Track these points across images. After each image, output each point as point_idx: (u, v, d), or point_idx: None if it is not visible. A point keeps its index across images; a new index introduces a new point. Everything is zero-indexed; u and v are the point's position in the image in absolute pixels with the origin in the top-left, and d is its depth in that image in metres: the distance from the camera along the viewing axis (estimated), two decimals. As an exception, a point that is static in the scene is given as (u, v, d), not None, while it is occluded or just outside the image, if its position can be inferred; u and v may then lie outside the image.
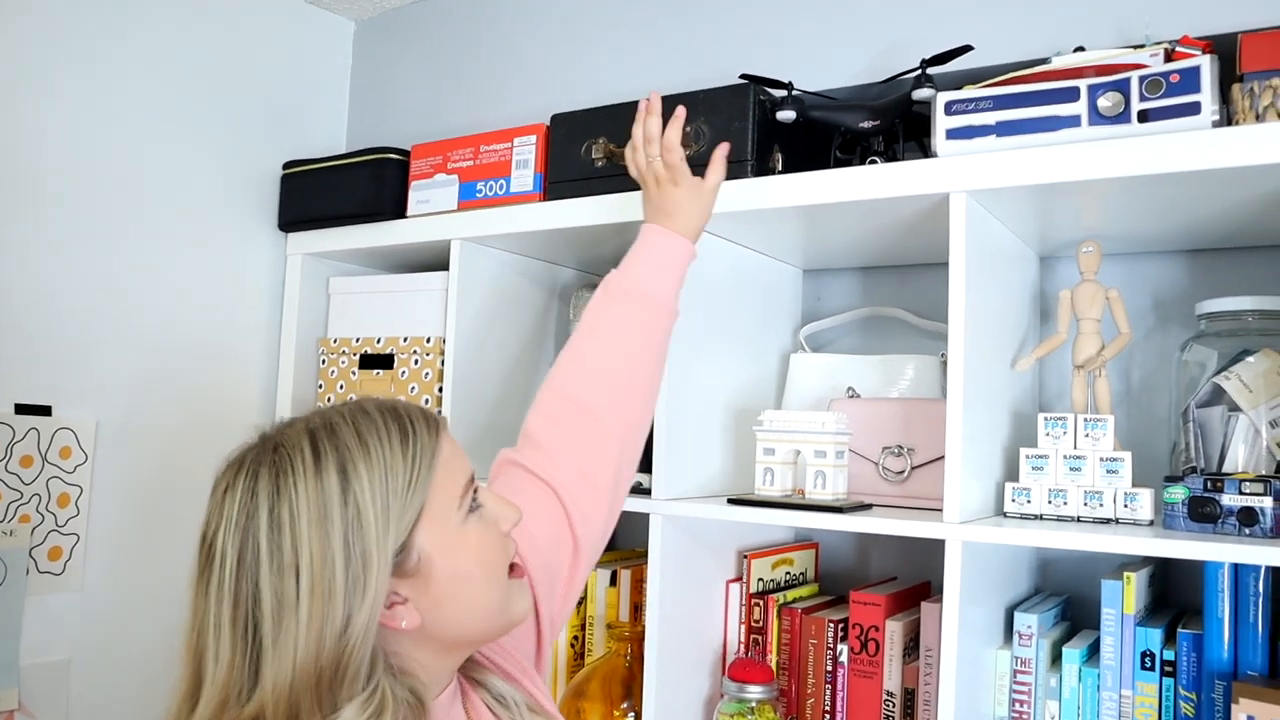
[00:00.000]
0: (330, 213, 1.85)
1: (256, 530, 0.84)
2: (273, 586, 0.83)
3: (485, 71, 2.14)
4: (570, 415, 1.20)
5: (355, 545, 0.84)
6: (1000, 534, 1.22)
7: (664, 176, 1.31)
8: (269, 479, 0.86)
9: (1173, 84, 1.14)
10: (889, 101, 1.37)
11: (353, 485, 0.85)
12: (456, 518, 0.92)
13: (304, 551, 0.83)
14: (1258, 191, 1.18)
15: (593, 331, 1.25)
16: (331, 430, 0.88)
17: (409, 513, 0.87)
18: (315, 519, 0.84)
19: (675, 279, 1.29)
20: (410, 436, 0.90)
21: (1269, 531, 1.14)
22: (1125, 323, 1.38)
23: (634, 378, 1.24)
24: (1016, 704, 1.34)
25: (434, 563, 0.89)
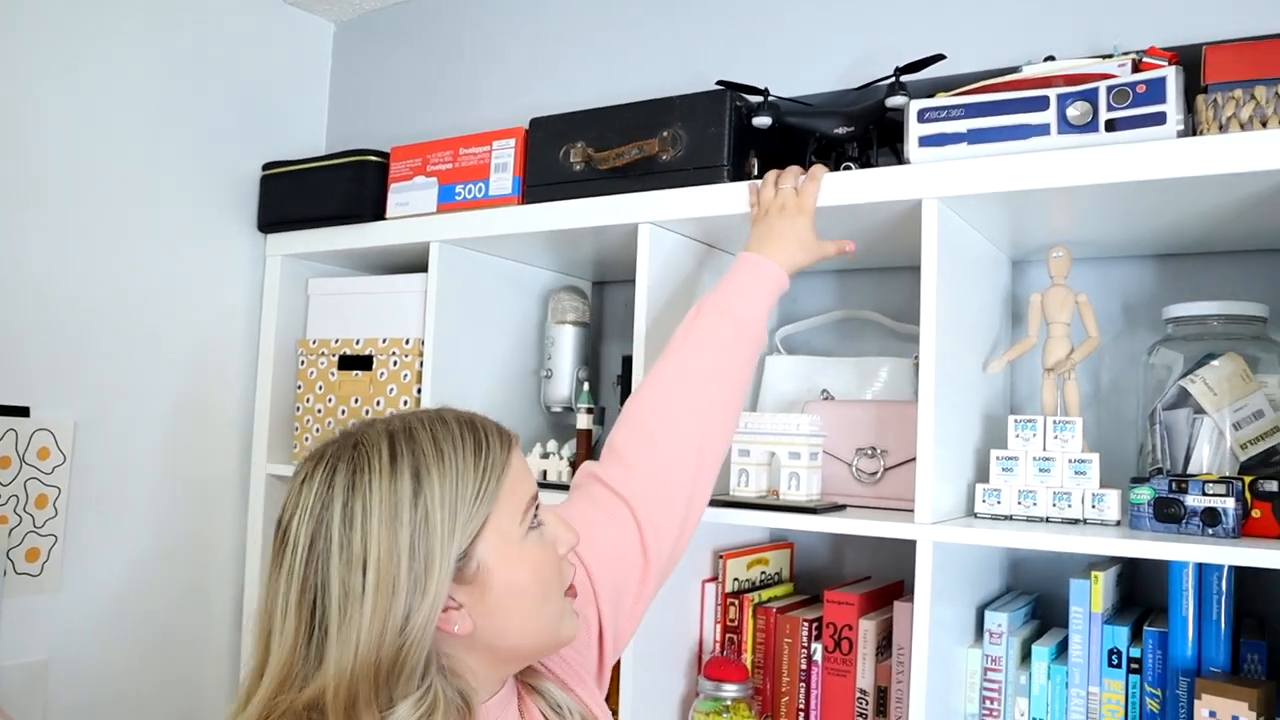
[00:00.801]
0: (310, 214, 1.86)
1: (330, 521, 0.87)
2: (340, 577, 0.86)
3: (465, 74, 2.15)
4: (652, 430, 1.22)
5: (420, 546, 0.87)
6: (970, 534, 1.24)
7: (790, 206, 1.32)
8: (346, 474, 0.89)
9: (1139, 94, 1.17)
10: (863, 108, 1.40)
11: (424, 489, 0.88)
12: (518, 532, 0.94)
13: (372, 547, 0.86)
14: (1222, 200, 1.21)
15: (685, 351, 1.26)
16: (410, 435, 0.91)
17: (474, 522, 0.90)
18: (386, 517, 0.87)
19: (769, 308, 1.31)
20: (483, 450, 0.93)
21: (1231, 531, 1.17)
22: (1094, 327, 1.40)
23: (719, 399, 1.25)
24: (987, 701, 1.36)
25: (492, 573, 0.92)
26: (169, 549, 1.94)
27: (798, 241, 1.31)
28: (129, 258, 1.87)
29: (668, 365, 1.26)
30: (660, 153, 1.46)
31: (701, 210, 1.42)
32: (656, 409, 1.23)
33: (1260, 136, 1.09)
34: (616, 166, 1.48)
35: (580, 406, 1.66)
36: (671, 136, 1.45)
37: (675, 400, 1.23)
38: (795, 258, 1.32)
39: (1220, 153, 1.11)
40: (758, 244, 1.32)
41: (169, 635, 1.95)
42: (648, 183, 1.47)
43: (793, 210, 1.32)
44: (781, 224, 1.32)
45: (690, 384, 1.24)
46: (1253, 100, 1.13)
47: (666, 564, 1.21)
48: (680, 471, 1.21)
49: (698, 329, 1.27)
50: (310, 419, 1.90)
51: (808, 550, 1.74)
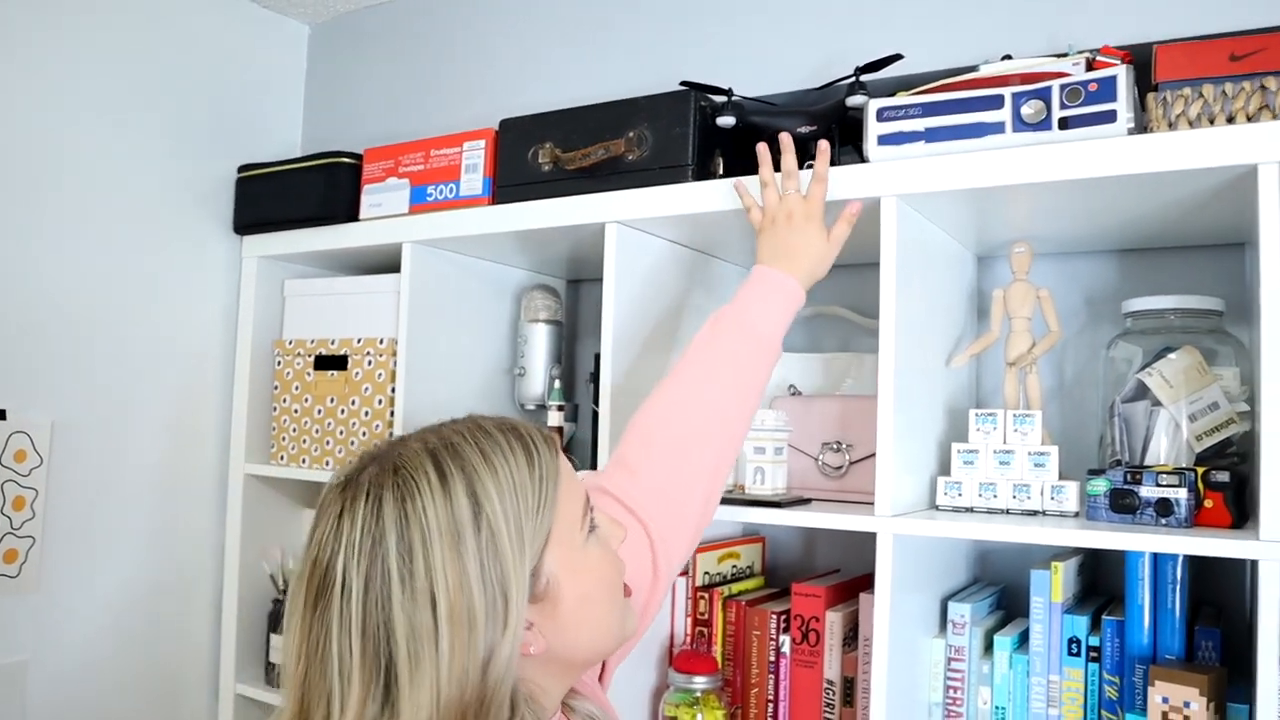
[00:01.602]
0: (284, 216, 1.87)
1: (385, 556, 0.79)
2: (407, 616, 0.78)
3: (439, 75, 2.16)
4: (666, 443, 1.18)
5: (491, 570, 0.81)
6: (929, 526, 1.26)
7: (798, 214, 1.29)
8: (394, 502, 0.81)
9: (1091, 93, 1.19)
10: (826, 107, 1.41)
11: (484, 508, 0.82)
12: (580, 538, 0.90)
13: (439, 578, 0.79)
14: (1173, 196, 1.23)
15: (700, 363, 1.22)
16: (455, 450, 0.85)
17: (539, 535, 0.85)
18: (449, 544, 0.80)
19: (786, 322, 1.27)
20: (535, 456, 0.88)
21: (1183, 521, 1.19)
22: (1055, 321, 1.43)
23: (734, 413, 1.21)
24: (950, 690, 1.38)
25: (561, 586, 0.87)
26: (147, 550, 1.96)
27: (814, 255, 1.28)
28: (105, 260, 1.88)
29: (686, 380, 1.22)
30: (626, 153, 1.47)
31: (667, 209, 1.43)
32: (673, 425, 1.19)
33: (1207, 134, 1.11)
34: (583, 167, 1.50)
35: (552, 404, 1.68)
36: (637, 137, 1.47)
37: (693, 419, 1.19)
38: (814, 272, 1.29)
39: (1168, 150, 1.13)
40: (772, 257, 1.28)
41: (148, 635, 1.96)
42: (614, 183, 1.48)
43: (801, 218, 1.29)
44: (793, 236, 1.28)
45: (709, 403, 1.20)
46: (1201, 98, 1.15)
47: (672, 578, 1.18)
48: (694, 492, 1.18)
49: (718, 346, 1.23)
50: (287, 419, 1.92)
51: (780, 544, 1.76)
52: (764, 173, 1.34)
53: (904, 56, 1.37)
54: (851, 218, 1.30)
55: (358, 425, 1.80)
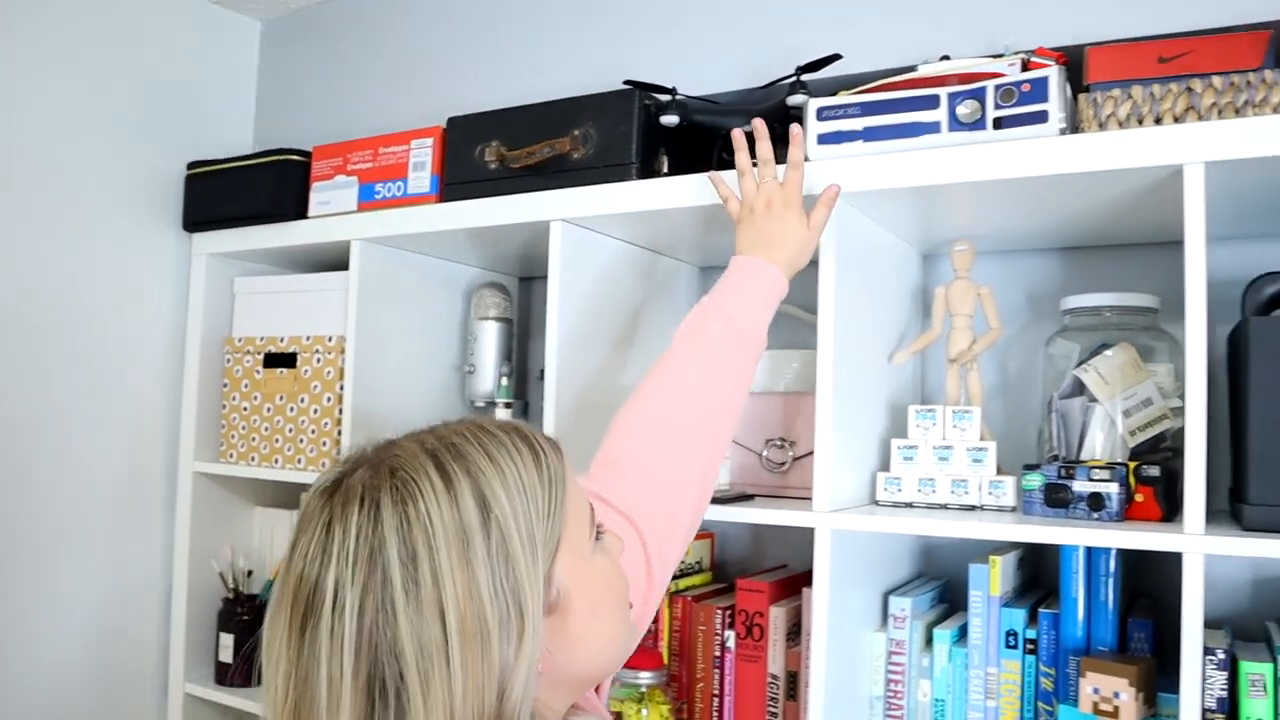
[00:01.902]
0: (233, 213, 1.87)
1: (386, 565, 0.72)
2: (414, 632, 0.70)
3: (392, 72, 2.16)
4: (653, 441, 1.13)
5: (503, 580, 0.74)
6: (866, 521, 1.28)
7: (777, 201, 1.25)
8: (394, 507, 0.73)
9: (1024, 93, 1.20)
10: (768, 107, 1.42)
11: (493, 511, 0.75)
12: (588, 547, 0.84)
13: (447, 587, 0.71)
14: (1106, 195, 1.25)
15: (686, 359, 1.18)
16: (457, 451, 0.78)
17: (550, 542, 0.79)
18: (456, 551, 0.72)
19: (770, 312, 1.23)
20: (542, 457, 0.82)
21: (1114, 515, 1.21)
22: (995, 318, 1.45)
23: (720, 407, 1.17)
24: (891, 684, 1.40)
25: (572, 598, 0.81)
26: (95, 549, 1.94)
27: (795, 242, 1.24)
28: (52, 257, 1.87)
29: (668, 375, 1.18)
30: (571, 151, 1.48)
31: (611, 207, 1.44)
32: (659, 422, 1.14)
33: (1134, 135, 1.13)
34: (528, 165, 1.50)
35: (500, 401, 1.69)
36: (582, 135, 1.47)
37: (680, 415, 1.15)
38: (795, 261, 1.25)
39: (1097, 150, 1.15)
40: (751, 246, 1.25)
41: (96, 634, 1.95)
42: (560, 181, 1.49)
43: (780, 205, 1.25)
44: (771, 224, 1.25)
45: (696, 399, 1.15)
46: (1130, 100, 1.17)
47: (666, 581, 1.13)
48: (685, 491, 1.13)
49: (701, 340, 1.19)
50: (237, 416, 1.91)
51: (729, 540, 1.77)
52: (740, 160, 1.30)
53: (842, 56, 1.39)
54: (830, 201, 1.27)
55: (307, 423, 1.80)
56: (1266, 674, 1.18)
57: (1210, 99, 1.14)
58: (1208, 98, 1.14)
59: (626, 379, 1.64)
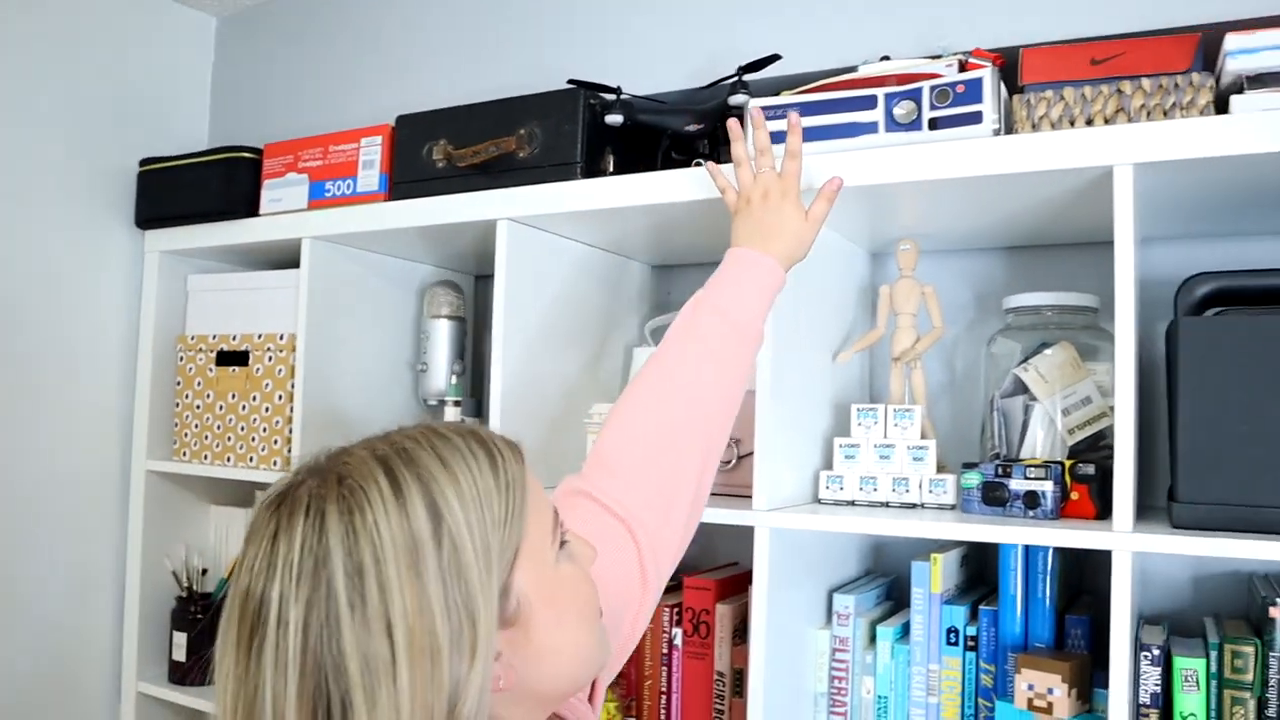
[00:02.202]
0: (185, 210, 1.86)
1: (331, 579, 0.68)
2: (359, 647, 0.67)
3: (347, 68, 2.15)
4: (647, 438, 1.09)
5: (455, 590, 0.70)
6: (805, 520, 1.28)
7: (774, 191, 1.21)
8: (340, 516, 0.70)
9: (959, 94, 1.21)
10: (711, 106, 1.43)
11: (445, 519, 0.72)
12: (552, 555, 0.80)
13: (395, 600, 0.68)
14: (1043, 195, 1.26)
15: (681, 354, 1.14)
16: (408, 457, 0.74)
17: (508, 550, 0.75)
18: (405, 561, 0.69)
19: (767, 305, 1.19)
20: (500, 462, 0.77)
21: (1049, 513, 1.22)
22: (939, 317, 1.46)
23: (716, 403, 1.13)
24: (835, 680, 1.41)
25: (534, 608, 0.77)
26: (47, 548, 1.93)
27: (792, 234, 1.20)
28: (2, 254, 1.86)
29: (662, 371, 1.13)
30: (517, 150, 1.48)
31: (557, 206, 1.44)
32: (656, 421, 1.10)
33: (1065, 136, 1.14)
34: (474, 164, 1.50)
35: (448, 399, 1.69)
36: (528, 134, 1.48)
37: (674, 411, 1.10)
38: (793, 253, 1.20)
39: (1029, 151, 1.16)
40: (748, 238, 1.20)
41: (49, 633, 1.94)
42: (506, 180, 1.49)
43: (777, 196, 1.21)
44: (769, 215, 1.20)
45: (691, 394, 1.11)
46: (1062, 100, 1.18)
47: (663, 582, 1.09)
48: (681, 489, 1.09)
49: (695, 333, 1.14)
50: (189, 415, 1.91)
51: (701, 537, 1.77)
52: (737, 150, 1.25)
53: (781, 57, 1.40)
54: (832, 194, 1.22)
55: (259, 421, 1.79)
56: (1199, 669, 1.19)
57: (1140, 101, 1.15)
58: (1137, 99, 1.15)
59: (577, 378, 1.65)
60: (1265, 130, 1.05)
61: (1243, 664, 1.20)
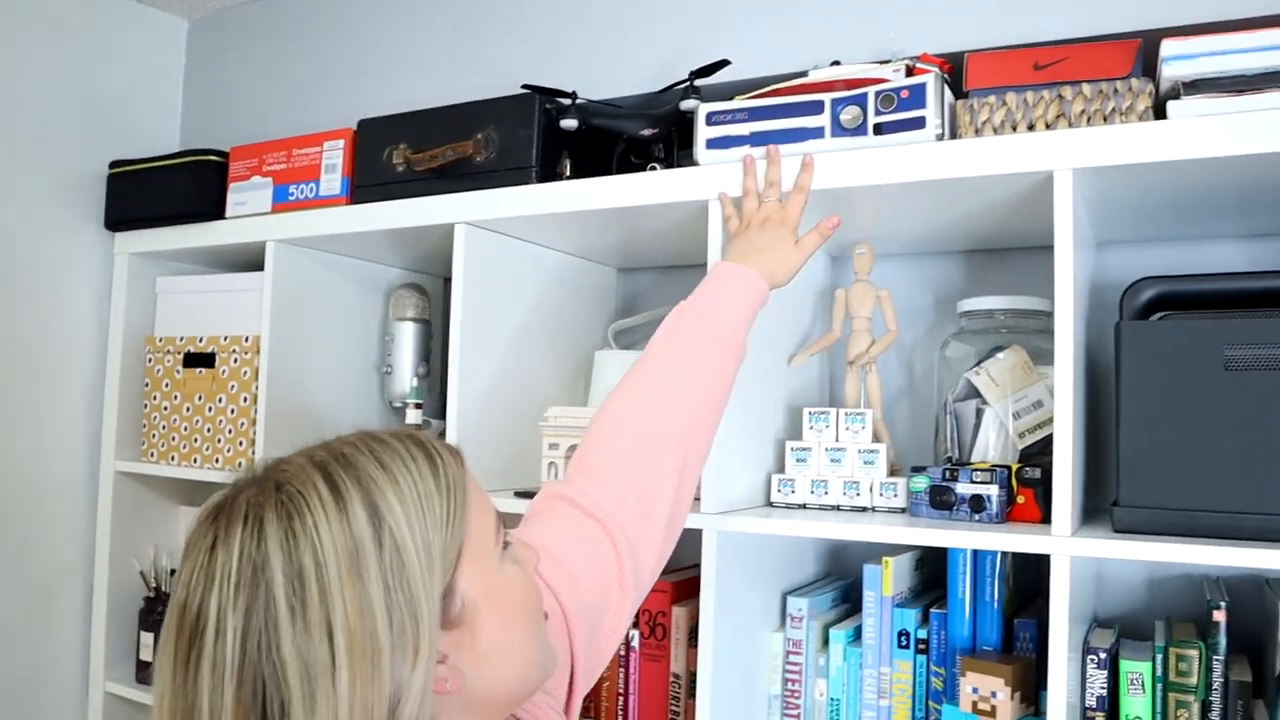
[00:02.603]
0: (153, 213, 1.88)
1: (270, 586, 0.68)
2: (299, 653, 0.67)
3: (316, 72, 2.16)
4: (628, 443, 1.11)
5: (398, 592, 0.70)
6: (752, 523, 1.28)
7: (774, 219, 1.24)
8: (279, 524, 0.70)
9: (903, 99, 1.22)
10: (665, 111, 1.44)
11: (386, 521, 0.72)
12: (495, 556, 0.80)
13: (336, 605, 0.68)
14: (986, 200, 1.26)
15: (662, 362, 1.15)
16: (347, 461, 0.74)
17: (451, 551, 0.75)
18: (346, 565, 0.69)
19: (750, 318, 1.21)
20: (440, 464, 0.78)
21: (995, 517, 1.23)
22: (893, 321, 1.46)
23: (698, 411, 1.14)
24: (789, 683, 1.41)
25: (480, 610, 0.77)
26: (15, 547, 1.94)
27: (779, 255, 1.23)
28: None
29: (644, 379, 1.15)
30: (474, 154, 1.49)
31: (512, 210, 1.45)
32: (634, 425, 1.12)
33: (1006, 141, 1.15)
34: (432, 168, 1.51)
35: (409, 401, 1.70)
36: (485, 139, 1.48)
37: (655, 417, 1.12)
38: (777, 273, 1.23)
39: (970, 156, 1.16)
40: (735, 255, 1.23)
41: (17, 633, 1.95)
42: (464, 184, 1.50)
43: (775, 223, 1.24)
44: (763, 237, 1.23)
45: (672, 401, 1.13)
46: (1004, 106, 1.19)
47: (645, 587, 1.10)
48: (661, 493, 1.10)
49: (678, 342, 1.16)
50: (157, 416, 1.92)
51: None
52: (747, 182, 1.29)
53: (731, 62, 1.40)
54: (826, 231, 1.26)
55: (224, 423, 1.80)
56: (1145, 672, 1.20)
57: (1080, 106, 1.15)
58: (1078, 105, 1.15)
59: (541, 381, 1.65)
60: (1201, 136, 1.06)
61: (1187, 667, 1.21)
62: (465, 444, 1.48)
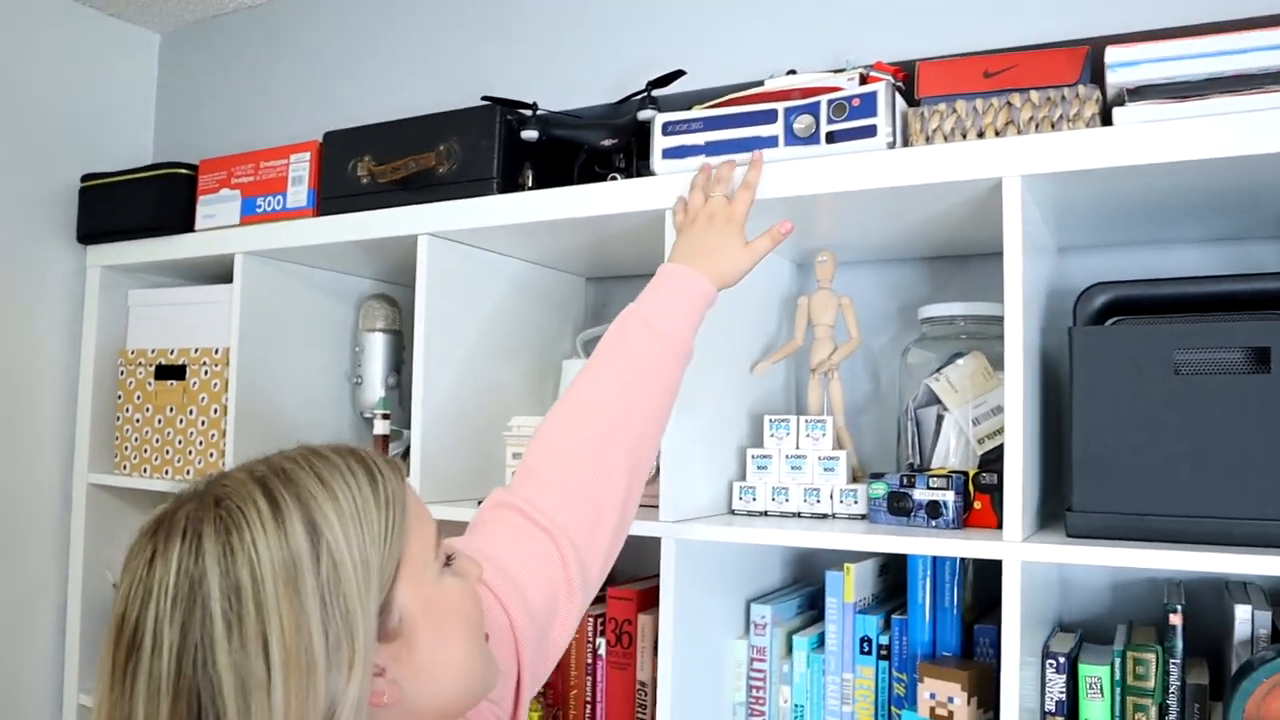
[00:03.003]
0: (123, 226, 1.88)
1: (207, 600, 0.69)
2: (234, 667, 0.68)
3: (287, 84, 2.17)
4: (571, 447, 1.10)
5: (334, 608, 0.71)
6: (710, 531, 1.29)
7: (720, 216, 1.23)
8: (216, 538, 0.71)
9: (854, 108, 1.22)
10: (624, 121, 1.45)
11: (324, 536, 0.73)
12: (434, 570, 0.81)
13: (272, 619, 0.69)
14: (940, 207, 1.27)
15: (607, 366, 1.15)
16: (286, 476, 0.75)
17: (389, 565, 0.76)
18: (283, 579, 0.70)
19: (696, 319, 1.19)
20: (379, 479, 0.79)
21: (951, 523, 1.24)
22: (855, 328, 1.47)
23: (646, 413, 1.14)
24: (754, 690, 1.42)
25: (418, 623, 0.78)
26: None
27: (727, 257, 1.21)
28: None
29: (592, 382, 1.14)
30: (437, 166, 1.50)
31: (474, 221, 1.46)
32: (578, 428, 1.11)
33: (955, 148, 1.15)
34: (395, 179, 1.52)
35: (377, 412, 1.70)
36: (447, 150, 1.49)
37: (599, 420, 1.11)
38: (724, 273, 1.21)
39: (920, 164, 1.17)
40: (682, 255, 1.21)
41: (-8, 647, 1.96)
42: (427, 195, 1.51)
43: (722, 220, 1.23)
44: (709, 235, 1.22)
45: (617, 404, 1.12)
46: (955, 114, 1.19)
47: (591, 592, 1.10)
48: (610, 498, 1.10)
49: (623, 345, 1.16)
50: (130, 428, 1.92)
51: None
52: (698, 176, 1.29)
53: (686, 73, 1.41)
54: (778, 235, 1.25)
55: (195, 435, 1.81)
56: (1104, 676, 1.21)
57: (1028, 113, 1.16)
58: (1026, 112, 1.16)
59: (509, 390, 1.66)
60: (1145, 142, 1.07)
61: (1144, 671, 1.21)
62: (430, 454, 1.51)
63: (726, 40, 1.65)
